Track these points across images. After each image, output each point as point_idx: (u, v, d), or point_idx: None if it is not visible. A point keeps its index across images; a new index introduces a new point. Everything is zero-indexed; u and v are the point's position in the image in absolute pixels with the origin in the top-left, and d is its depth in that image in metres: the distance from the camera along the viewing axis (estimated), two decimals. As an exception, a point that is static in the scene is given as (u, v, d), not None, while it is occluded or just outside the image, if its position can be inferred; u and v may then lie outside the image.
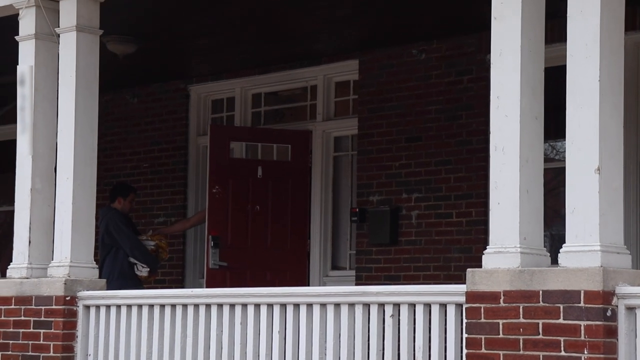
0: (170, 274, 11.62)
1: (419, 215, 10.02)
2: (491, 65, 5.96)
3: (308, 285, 10.77)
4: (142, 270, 10.07)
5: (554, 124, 6.41)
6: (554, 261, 5.85)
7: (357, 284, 10.14)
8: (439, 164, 9.93)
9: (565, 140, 5.70)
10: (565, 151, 9.29)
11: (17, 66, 8.16)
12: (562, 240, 5.71)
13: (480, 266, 5.93)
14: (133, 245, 9.97)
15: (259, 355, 6.80)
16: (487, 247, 5.90)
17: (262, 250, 11.16)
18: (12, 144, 8.35)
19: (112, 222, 10.02)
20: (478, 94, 9.69)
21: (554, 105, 6.46)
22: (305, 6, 9.20)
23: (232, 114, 11.83)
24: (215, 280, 10.88)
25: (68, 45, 7.98)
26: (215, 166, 11.12)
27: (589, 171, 5.53)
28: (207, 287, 10.74)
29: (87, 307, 7.75)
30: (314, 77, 11.11)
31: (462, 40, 9.85)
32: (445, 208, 9.86)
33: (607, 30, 5.58)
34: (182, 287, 11.55)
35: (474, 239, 9.64)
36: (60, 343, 7.72)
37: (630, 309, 5.46)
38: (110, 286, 8.40)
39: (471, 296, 5.85)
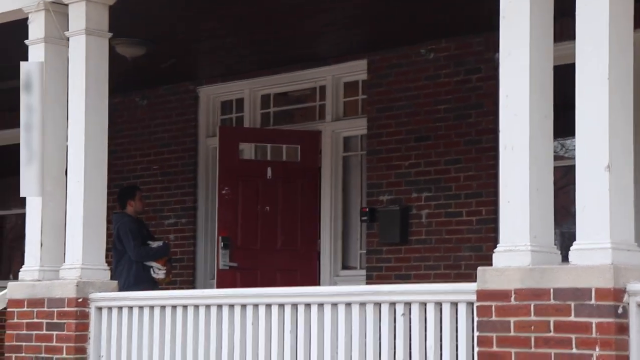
0: (181, 274, 11.65)
1: (429, 214, 10.03)
2: (500, 65, 5.97)
3: (319, 285, 10.79)
4: (159, 273, 10.13)
5: (563, 122, 6.40)
6: (565, 259, 5.85)
7: (367, 284, 10.15)
8: (448, 163, 9.94)
9: (574, 138, 5.70)
10: (574, 149, 9.29)
11: (22, 63, 8.13)
12: (572, 238, 5.72)
13: (491, 264, 5.94)
14: (139, 253, 10.01)
15: (270, 356, 6.82)
16: (498, 245, 5.90)
17: (272, 250, 11.18)
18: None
19: (122, 228, 10.08)
20: (487, 93, 9.70)
21: (563, 103, 6.46)
22: (314, 7, 9.22)
23: (241, 115, 11.85)
24: (226, 280, 10.91)
25: (77, 49, 8.01)
26: (224, 167, 11.14)
27: (599, 169, 5.53)
28: (217, 287, 10.77)
29: (99, 309, 7.78)
30: (322, 78, 11.13)
31: (470, 39, 9.86)
32: (455, 207, 9.87)
33: (616, 27, 5.58)
34: (194, 287, 11.58)
35: (484, 237, 9.65)
36: (73, 345, 7.74)
37: (642, 305, 5.46)
38: (128, 291, 8.45)
39: (482, 294, 5.86)
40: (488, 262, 5.94)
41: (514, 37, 5.89)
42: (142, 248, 10.09)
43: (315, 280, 10.92)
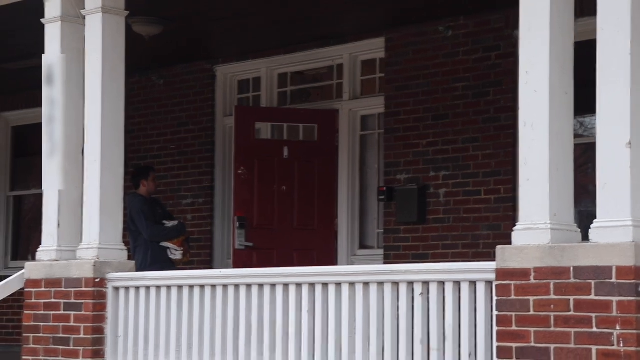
0: (199, 254, 11.63)
1: (446, 193, 9.97)
2: (520, 41, 5.90)
3: (336, 264, 10.76)
4: (176, 254, 10.10)
5: (583, 99, 6.33)
6: (584, 238, 5.80)
7: (385, 263, 10.10)
8: (466, 141, 9.88)
9: (593, 116, 5.63)
10: (593, 127, 9.19)
11: (43, 55, 8.13)
12: (590, 217, 5.66)
13: (510, 243, 5.89)
14: (152, 233, 9.98)
15: (287, 335, 6.80)
16: (517, 223, 5.86)
17: (289, 230, 11.15)
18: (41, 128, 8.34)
19: (134, 209, 10.05)
20: (506, 70, 9.62)
21: (582, 80, 6.39)
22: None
23: (258, 94, 11.80)
24: (242, 260, 10.89)
25: (94, 27, 7.97)
26: (240, 147, 11.11)
27: (620, 146, 5.48)
28: (234, 267, 10.75)
29: (117, 289, 7.77)
30: (339, 56, 11.06)
31: (489, 16, 9.77)
32: (473, 185, 9.81)
33: (638, 1, 5.50)
34: (211, 267, 11.56)
35: (502, 216, 9.59)
36: (91, 325, 7.74)
37: (663, 284, 5.41)
38: (145, 271, 8.44)
39: (501, 273, 5.82)
40: (506, 241, 5.89)
41: (534, 12, 5.82)
42: (156, 227, 10.06)
43: (332, 260, 10.89)
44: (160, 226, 10.13)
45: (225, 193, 11.78)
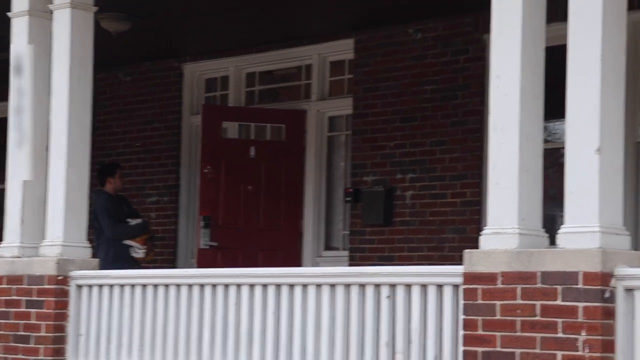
0: (162, 253, 11.55)
1: (413, 195, 9.96)
2: (491, 45, 5.89)
3: (301, 265, 10.72)
4: (139, 252, 10.02)
5: (548, 104, 6.34)
6: (551, 242, 5.80)
7: (350, 265, 10.09)
8: (434, 144, 9.88)
9: (558, 121, 5.66)
10: (557, 132, 9.21)
11: (11, 45, 8.03)
12: (552, 221, 5.67)
13: (475, 247, 5.88)
14: (114, 231, 9.89)
15: (252, 336, 6.74)
16: (485, 227, 5.84)
17: (255, 230, 11.10)
18: (4, 122, 8.25)
19: (98, 206, 9.97)
20: (474, 74, 9.63)
21: (548, 85, 6.39)
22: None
23: (226, 93, 11.75)
24: (206, 260, 10.83)
25: (62, 22, 7.89)
26: (207, 146, 11.05)
27: (589, 152, 5.47)
28: (198, 267, 10.69)
29: (80, 287, 7.68)
30: (308, 57, 11.03)
31: (458, 19, 9.78)
32: (439, 188, 9.81)
33: (609, 7, 5.51)
34: (174, 266, 11.50)
35: (468, 219, 9.59)
36: (52, 323, 7.66)
37: (629, 290, 5.41)
38: (107, 269, 8.34)
39: (468, 277, 5.80)
40: (472, 244, 5.88)
41: (507, 16, 5.81)
42: (118, 226, 9.98)
43: (297, 261, 10.85)
44: (123, 224, 10.05)
45: (191, 192, 11.72)
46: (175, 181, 11.79)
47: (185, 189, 11.76)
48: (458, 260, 5.96)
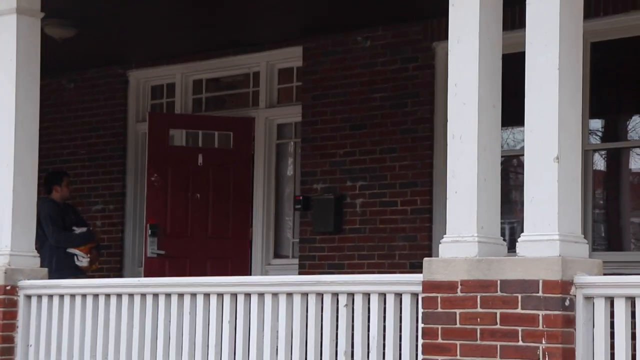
0: (108, 262, 11.43)
1: (363, 203, 9.95)
2: (449, 52, 5.89)
3: (250, 274, 10.66)
4: (83, 261, 9.90)
5: (504, 112, 6.35)
6: (509, 250, 5.81)
7: (300, 273, 10.05)
8: (383, 152, 9.88)
9: (511, 129, 5.66)
10: (511, 140, 9.26)
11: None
12: (503, 228, 5.67)
13: (426, 255, 5.88)
14: (58, 239, 9.78)
15: (208, 346, 6.67)
16: (444, 236, 5.82)
17: (203, 238, 11.03)
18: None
19: (42, 213, 9.82)
20: (424, 82, 9.65)
21: (504, 94, 6.41)
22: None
23: (172, 100, 11.66)
24: (154, 269, 10.73)
25: (8, 28, 7.76)
26: (153, 154, 10.96)
27: (548, 160, 5.48)
28: (145, 276, 10.58)
29: (29, 297, 7.56)
30: (256, 64, 10.98)
31: (407, 27, 9.79)
32: (390, 196, 9.81)
33: (567, 17, 5.53)
34: (121, 275, 11.38)
35: (418, 227, 9.60)
36: (0, 334, 7.51)
37: (588, 298, 5.43)
38: (49, 278, 8.20)
39: (428, 286, 5.79)
40: (423, 252, 5.87)
41: (464, 24, 5.80)
42: (62, 234, 9.86)
43: (246, 269, 10.79)
44: (67, 232, 9.93)
45: (137, 200, 11.61)
46: (121, 189, 11.67)
47: (132, 196, 11.65)
48: (409, 268, 5.95)
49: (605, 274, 5.60)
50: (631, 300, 5.34)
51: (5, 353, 7.54)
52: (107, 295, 7.18)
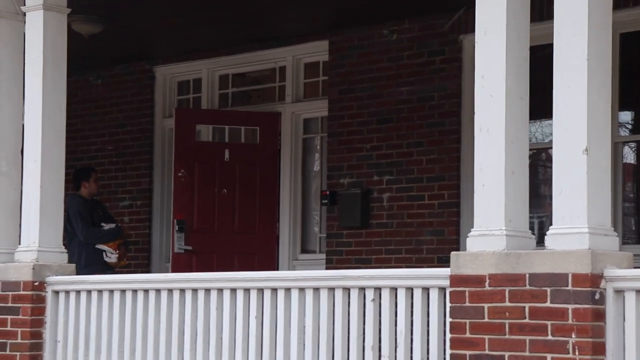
0: (136, 258, 11.44)
1: (390, 197, 9.91)
2: (476, 44, 5.83)
3: (277, 269, 10.64)
4: (111, 257, 9.93)
5: (532, 105, 6.29)
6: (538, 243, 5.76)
7: (327, 268, 10.02)
8: (410, 145, 9.82)
9: (539, 122, 5.60)
10: (538, 133, 9.17)
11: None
12: (532, 223, 5.61)
13: (453, 249, 5.82)
14: (87, 235, 9.81)
15: (235, 341, 6.66)
16: (472, 229, 5.78)
17: (230, 234, 11.02)
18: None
19: (72, 209, 9.89)
20: (450, 75, 9.59)
21: (532, 86, 6.35)
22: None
23: (198, 95, 11.65)
24: (181, 264, 10.74)
25: (35, 24, 7.78)
26: (180, 150, 10.96)
27: (577, 152, 5.42)
28: (172, 271, 10.59)
29: (56, 293, 7.57)
30: (282, 58, 10.96)
31: (434, 20, 9.73)
32: (417, 190, 9.76)
33: (595, 7, 5.47)
34: (148, 271, 11.39)
35: (446, 221, 9.55)
36: (29, 329, 7.55)
37: (619, 291, 5.37)
38: (78, 274, 8.22)
39: (455, 280, 5.74)
40: (450, 246, 5.83)
41: (491, 16, 5.75)
42: (91, 230, 9.89)
43: (273, 264, 10.77)
44: (96, 228, 9.96)
45: (164, 196, 11.61)
46: (149, 185, 11.68)
47: (159, 192, 11.65)
48: (436, 263, 5.90)
49: (635, 267, 5.53)
50: (662, 293, 5.28)
51: (34, 348, 7.57)
52: (134, 291, 7.18)
